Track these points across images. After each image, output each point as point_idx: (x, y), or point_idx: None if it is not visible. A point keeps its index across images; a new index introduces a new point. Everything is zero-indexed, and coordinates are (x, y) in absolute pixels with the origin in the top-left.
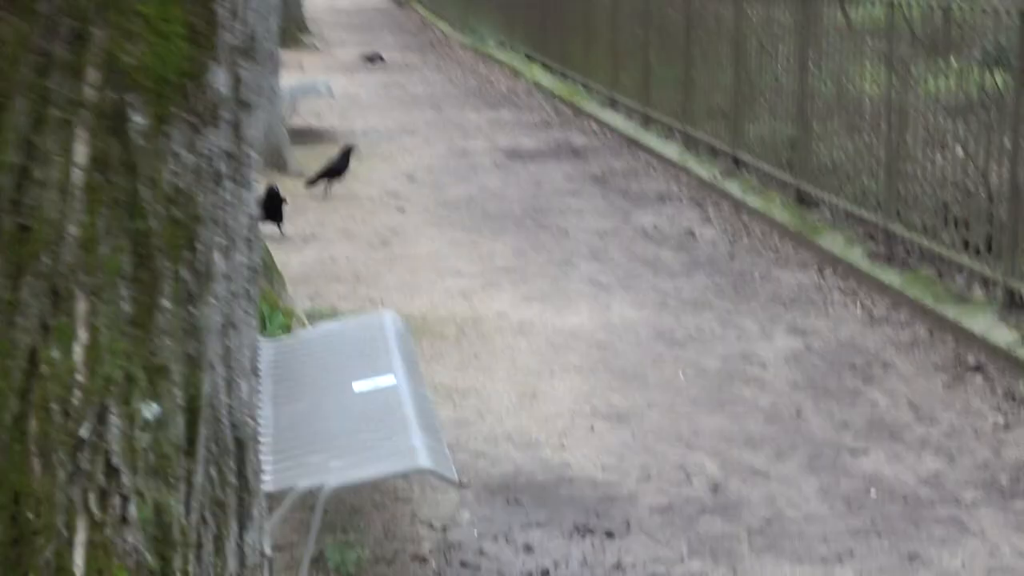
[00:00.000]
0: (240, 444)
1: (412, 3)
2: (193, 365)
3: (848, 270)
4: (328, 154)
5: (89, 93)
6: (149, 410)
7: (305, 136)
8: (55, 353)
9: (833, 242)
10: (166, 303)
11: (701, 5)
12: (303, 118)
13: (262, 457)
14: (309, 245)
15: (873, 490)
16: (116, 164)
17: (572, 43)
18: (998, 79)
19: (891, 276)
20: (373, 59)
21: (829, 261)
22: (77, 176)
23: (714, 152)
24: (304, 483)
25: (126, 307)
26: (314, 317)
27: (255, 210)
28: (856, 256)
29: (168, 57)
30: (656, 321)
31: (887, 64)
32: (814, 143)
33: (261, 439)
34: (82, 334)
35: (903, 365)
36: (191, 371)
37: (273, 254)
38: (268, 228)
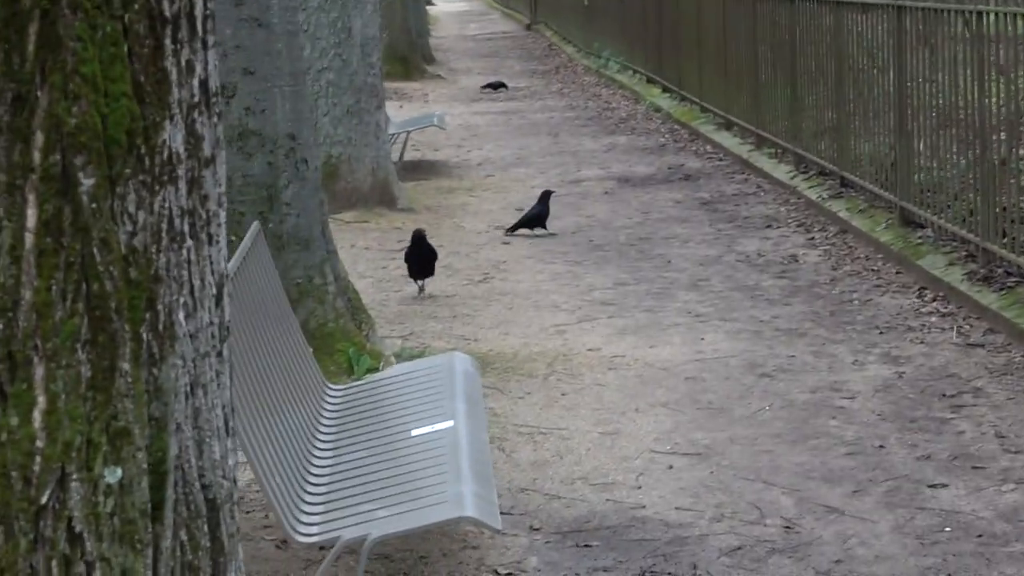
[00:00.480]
0: (213, 506)
1: (540, 27)
2: (158, 427)
3: (948, 292)
4: (441, 187)
5: (37, 157)
6: (112, 474)
7: (419, 169)
8: (13, 420)
9: (934, 263)
10: (126, 365)
11: (807, 19)
12: (420, 151)
13: (314, 507)
14: (410, 282)
15: (948, 527)
16: (68, 227)
17: (687, 64)
18: None
19: (990, 298)
20: (496, 87)
21: (929, 283)
22: (29, 241)
23: (824, 172)
24: (349, 534)
25: (85, 371)
26: (403, 358)
27: (224, 266)
28: (956, 278)
29: (115, 117)
30: (749, 352)
31: (991, 73)
32: (915, 160)
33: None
34: (40, 400)
35: (995, 392)
36: (156, 433)
37: (371, 293)
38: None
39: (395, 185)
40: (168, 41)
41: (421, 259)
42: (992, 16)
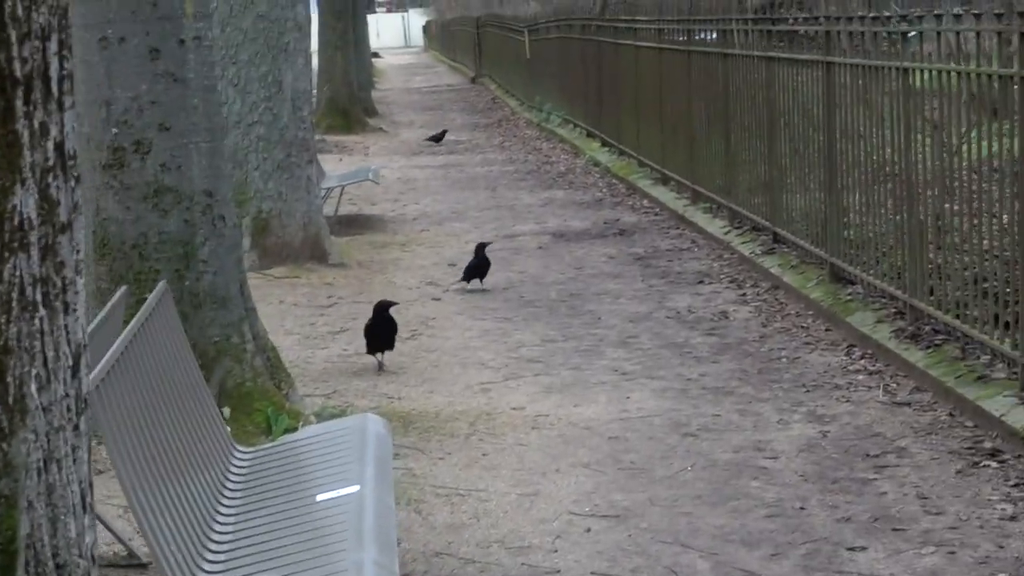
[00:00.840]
0: None
1: (485, 81)
2: (7, 504)
3: (876, 350)
4: (375, 241)
5: None
6: None
7: (354, 224)
8: None
9: (863, 321)
10: None
11: (740, 73)
12: (356, 205)
13: (213, 575)
14: (336, 339)
15: None
16: None
17: (626, 118)
18: None
19: (917, 355)
20: (438, 139)
21: (858, 341)
22: None
23: (757, 228)
24: None
25: None
26: (324, 417)
27: (83, 336)
28: (884, 335)
29: None
30: (674, 411)
31: (919, 129)
32: (846, 216)
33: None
34: None
35: (918, 452)
36: (5, 511)
37: (297, 351)
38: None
39: (327, 240)
40: (20, 103)
41: (384, 332)
42: (919, 72)
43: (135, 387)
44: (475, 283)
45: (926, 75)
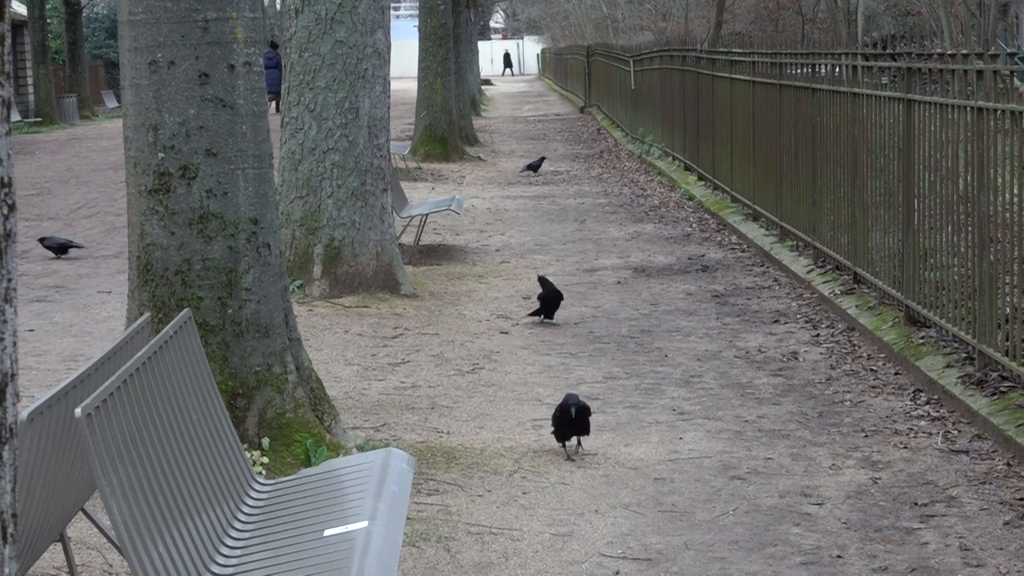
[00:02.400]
0: None
1: (593, 111)
2: None
3: (942, 395)
4: (452, 272)
5: None
6: None
7: (434, 254)
8: None
9: (932, 365)
10: None
11: (826, 108)
12: (440, 235)
13: None
14: (396, 371)
15: None
16: None
17: (720, 151)
18: None
19: (981, 402)
20: (535, 167)
21: (925, 385)
22: None
23: (839, 267)
24: None
25: None
26: (366, 450)
27: (10, 365)
28: (950, 381)
29: None
30: (725, 453)
31: (993, 169)
32: (923, 258)
33: None
34: None
35: (969, 502)
36: None
37: (354, 382)
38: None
39: (399, 270)
40: None
41: (575, 420)
42: (991, 111)
43: (140, 417)
44: (544, 319)
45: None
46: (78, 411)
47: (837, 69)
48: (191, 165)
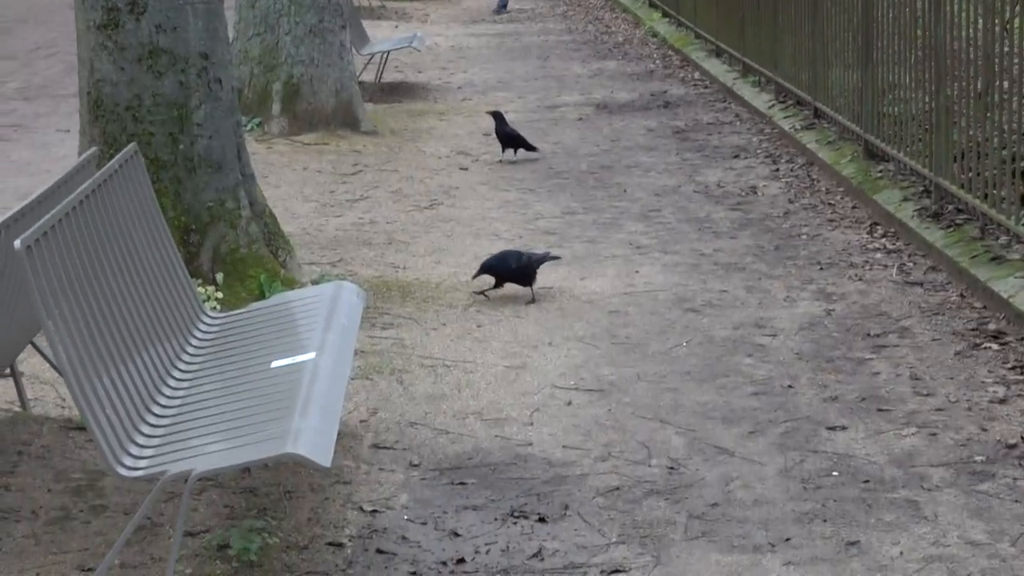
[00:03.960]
0: None
1: None
2: None
3: (899, 228)
4: (413, 110)
5: None
6: None
7: (396, 92)
8: None
9: (890, 199)
10: None
11: None
12: (403, 73)
13: (151, 440)
14: (354, 207)
15: (836, 471)
16: None
17: None
18: None
19: (936, 235)
20: (504, 4)
21: (882, 219)
22: None
23: (800, 102)
24: (175, 468)
25: None
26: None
27: None
28: (907, 214)
29: None
30: (681, 286)
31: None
32: (881, 93)
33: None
34: None
35: (921, 333)
36: None
37: (312, 218)
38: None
39: (359, 107)
40: None
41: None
42: None
43: (84, 251)
44: (509, 153)
45: None
46: (17, 243)
47: None
48: (139, 0)
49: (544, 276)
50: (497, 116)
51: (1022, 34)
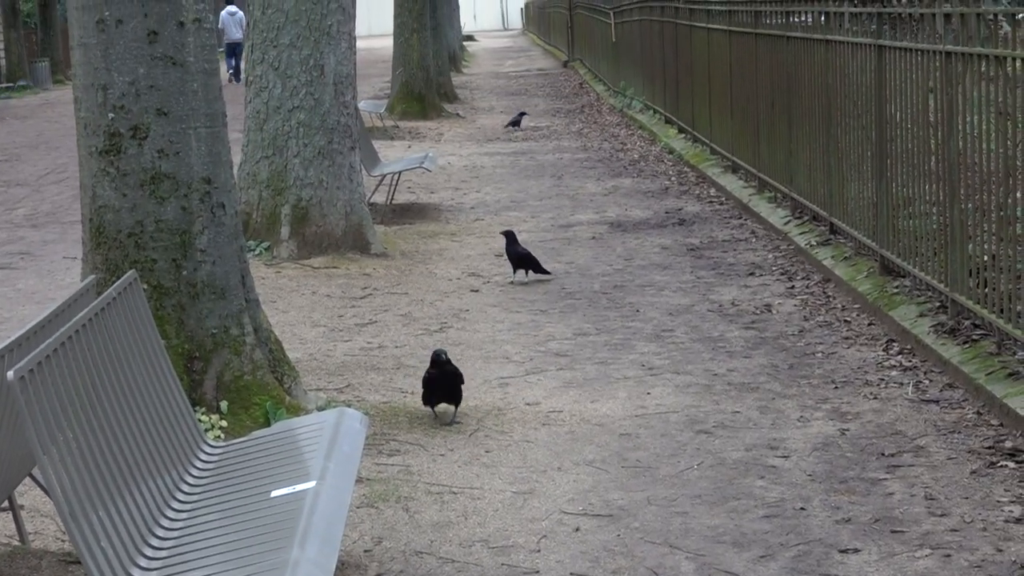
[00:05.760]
0: None
1: (576, 65)
2: None
3: (915, 345)
4: (424, 231)
5: None
6: None
7: (408, 213)
8: None
9: (906, 315)
10: None
11: (801, 56)
12: (415, 193)
13: (148, 573)
14: (363, 331)
15: None
16: None
17: (699, 104)
18: None
19: (952, 351)
20: (516, 123)
21: (898, 335)
22: None
23: (816, 218)
24: None
25: None
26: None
27: None
28: (923, 330)
29: None
30: (693, 407)
31: (961, 115)
32: (896, 207)
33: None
34: None
35: (937, 451)
36: None
37: (320, 343)
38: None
39: (369, 229)
40: None
41: (443, 384)
42: (960, 56)
43: (81, 381)
44: (521, 274)
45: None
46: (10, 374)
47: (810, 16)
48: (142, 125)
49: (555, 399)
50: (509, 236)
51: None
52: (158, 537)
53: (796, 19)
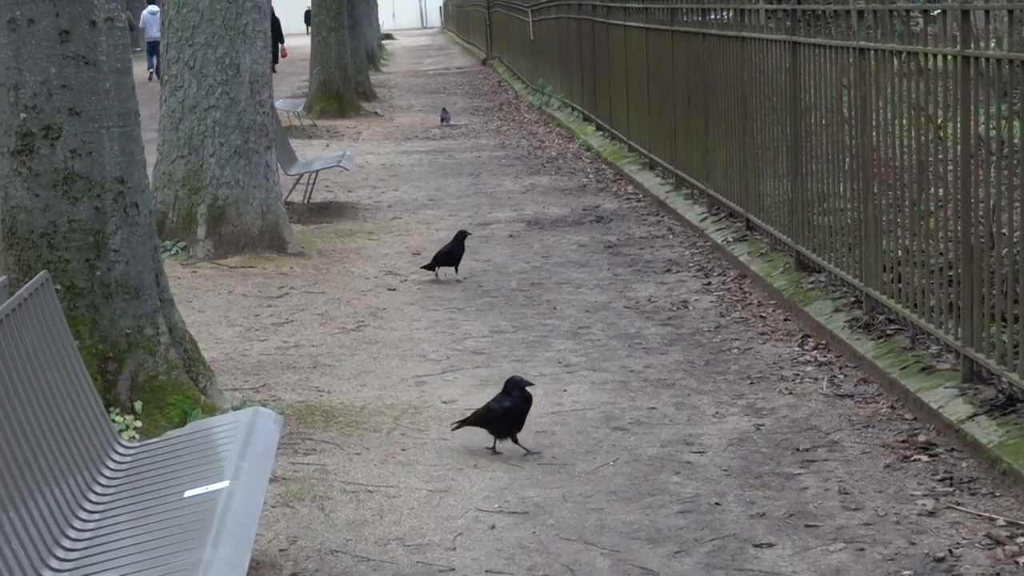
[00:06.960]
0: None
1: (495, 63)
2: None
3: (830, 340)
4: (341, 229)
5: None
6: None
7: (325, 212)
8: None
9: (820, 310)
10: None
11: (716, 53)
12: (332, 192)
13: (59, 572)
14: (279, 331)
15: None
16: None
17: (617, 100)
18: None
19: (867, 346)
20: (446, 119)
21: (814, 331)
22: None
23: (733, 215)
24: None
25: None
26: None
27: None
28: (837, 325)
29: None
30: (609, 404)
31: (875, 111)
32: (811, 203)
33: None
34: None
35: (851, 446)
36: None
37: (236, 343)
38: None
39: (286, 228)
40: None
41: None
42: (873, 52)
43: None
44: (447, 272)
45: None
46: None
47: (726, 14)
48: (54, 125)
49: (471, 397)
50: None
51: (955, 140)
52: (70, 538)
53: (712, 16)
